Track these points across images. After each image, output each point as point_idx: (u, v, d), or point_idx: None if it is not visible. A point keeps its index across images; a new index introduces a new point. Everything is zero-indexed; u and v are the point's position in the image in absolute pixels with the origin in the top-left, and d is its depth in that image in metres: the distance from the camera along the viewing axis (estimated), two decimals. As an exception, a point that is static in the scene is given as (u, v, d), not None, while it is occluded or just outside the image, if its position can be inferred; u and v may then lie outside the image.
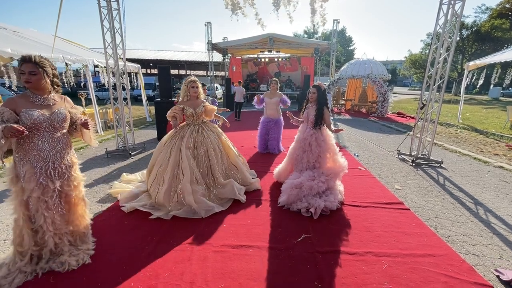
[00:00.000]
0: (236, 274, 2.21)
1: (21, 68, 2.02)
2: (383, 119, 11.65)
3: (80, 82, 8.71)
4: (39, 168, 2.07)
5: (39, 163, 2.07)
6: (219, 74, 24.19)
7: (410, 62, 35.89)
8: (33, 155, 2.05)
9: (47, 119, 2.09)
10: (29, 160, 2.05)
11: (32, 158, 2.05)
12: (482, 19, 29.73)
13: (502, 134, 8.20)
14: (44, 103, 2.12)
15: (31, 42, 6.78)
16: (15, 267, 2.11)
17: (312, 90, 3.62)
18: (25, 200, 2.06)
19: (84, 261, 2.30)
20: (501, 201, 3.69)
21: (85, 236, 2.48)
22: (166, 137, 3.56)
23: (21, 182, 2.03)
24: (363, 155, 5.89)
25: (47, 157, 2.10)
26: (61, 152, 2.19)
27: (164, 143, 3.50)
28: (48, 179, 2.11)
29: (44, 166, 2.09)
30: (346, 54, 38.85)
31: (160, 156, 3.43)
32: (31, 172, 2.04)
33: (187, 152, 3.35)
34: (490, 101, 23.09)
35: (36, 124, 2.03)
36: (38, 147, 2.07)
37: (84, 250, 2.38)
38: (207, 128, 3.65)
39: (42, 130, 2.08)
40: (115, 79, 5.60)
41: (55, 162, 2.14)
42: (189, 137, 3.44)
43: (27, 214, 2.09)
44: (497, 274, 2.27)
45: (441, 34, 4.85)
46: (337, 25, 15.30)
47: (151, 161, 3.53)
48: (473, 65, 10.13)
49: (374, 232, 2.82)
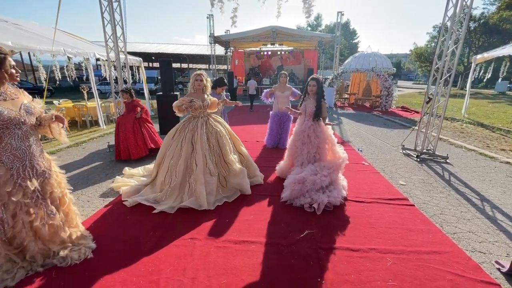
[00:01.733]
0: (238, 270, 2.19)
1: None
2: (387, 113, 11.51)
3: (82, 75, 8.68)
4: (15, 170, 1.91)
5: (15, 163, 1.91)
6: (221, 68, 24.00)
7: (415, 55, 35.27)
8: (7, 156, 1.88)
9: (17, 115, 1.90)
10: (3, 162, 1.87)
11: (5, 159, 1.88)
12: (490, 11, 29.05)
13: (509, 129, 8.05)
14: (6, 97, 1.91)
15: (32, 35, 6.72)
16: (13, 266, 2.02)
17: (311, 83, 3.58)
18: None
19: (86, 255, 2.28)
20: (508, 197, 3.63)
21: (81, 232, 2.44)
22: (173, 130, 3.53)
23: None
24: (367, 150, 5.82)
25: (23, 156, 1.94)
26: (36, 148, 2.04)
27: (172, 136, 3.49)
28: (27, 179, 1.95)
29: (22, 166, 1.94)
30: (350, 48, 38.27)
31: (171, 148, 3.43)
32: (7, 175, 1.88)
33: (202, 143, 3.36)
34: (496, 95, 22.70)
35: (5, 121, 1.84)
36: (12, 146, 1.90)
37: (85, 244, 2.36)
38: (214, 119, 3.66)
39: (12, 127, 1.90)
40: (117, 72, 5.54)
41: (33, 160, 1.99)
42: (201, 130, 3.43)
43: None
44: (498, 266, 2.25)
45: (449, 26, 4.71)
46: (341, 18, 15.02)
47: (159, 154, 3.52)
48: (481, 58, 9.90)
49: (378, 229, 2.78)
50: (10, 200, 1.90)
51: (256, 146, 5.97)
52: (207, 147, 3.39)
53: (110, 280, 2.07)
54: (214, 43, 15.75)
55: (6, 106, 1.88)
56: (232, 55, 17.42)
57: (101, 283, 2.04)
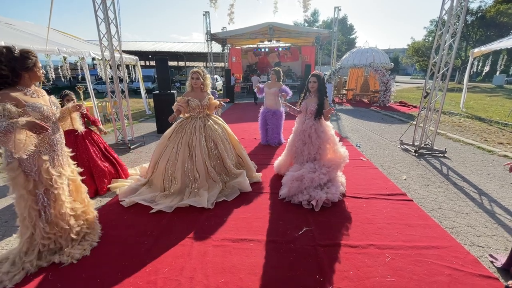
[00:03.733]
0: (236, 269, 2.18)
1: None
2: (385, 108, 11.50)
3: (78, 75, 8.60)
4: (51, 159, 2.12)
5: (50, 153, 2.12)
6: (218, 65, 23.88)
7: (413, 50, 35.20)
8: (45, 147, 2.08)
9: (52, 110, 2.12)
10: (41, 152, 2.06)
11: (44, 150, 2.08)
12: (487, 4, 28.95)
13: (506, 123, 8.06)
14: (38, 95, 2.10)
15: (26, 34, 6.64)
16: (20, 262, 2.11)
17: (312, 79, 3.48)
18: (37, 194, 2.05)
19: (86, 254, 2.32)
20: (506, 191, 3.63)
21: (94, 222, 2.57)
22: (170, 131, 3.48)
23: (32, 177, 2.02)
24: (365, 145, 5.81)
25: (55, 146, 2.16)
26: (62, 139, 2.27)
27: (168, 137, 3.44)
28: (60, 167, 2.19)
29: (55, 156, 2.16)
30: (347, 43, 38.11)
31: (166, 150, 3.39)
32: (46, 164, 2.06)
33: (201, 148, 3.33)
34: (494, 88, 22.72)
35: (44, 117, 2.04)
36: (49, 137, 2.10)
37: (91, 242, 2.43)
38: (213, 121, 3.58)
39: (48, 121, 2.08)
40: (112, 71, 5.49)
41: (62, 150, 2.23)
42: (199, 133, 3.38)
43: (37, 208, 2.08)
44: (491, 259, 2.27)
45: (446, 20, 4.68)
46: (338, 13, 14.89)
47: (155, 154, 3.48)
48: (478, 51, 9.87)
49: (377, 224, 2.78)
50: (52, 186, 2.09)
51: (254, 143, 5.95)
52: (206, 152, 3.36)
53: (107, 280, 2.05)
54: (211, 41, 15.59)
55: (43, 102, 2.08)
56: (229, 52, 17.29)
57: (98, 284, 2.02)
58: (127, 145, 5.64)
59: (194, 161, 3.31)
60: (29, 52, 2.02)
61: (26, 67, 1.98)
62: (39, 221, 2.09)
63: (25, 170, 2.00)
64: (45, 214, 2.11)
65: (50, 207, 2.12)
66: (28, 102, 1.95)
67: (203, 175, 3.29)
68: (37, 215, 2.08)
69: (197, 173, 3.28)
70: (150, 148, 5.66)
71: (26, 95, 1.99)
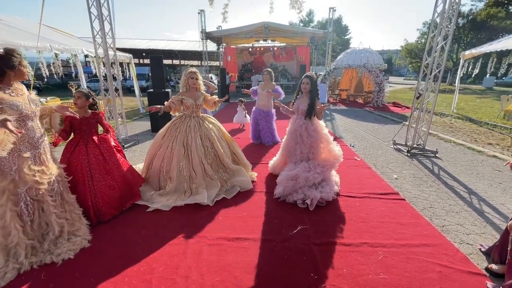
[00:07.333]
0: (231, 267, 2.19)
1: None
2: (378, 109, 11.64)
3: (70, 72, 8.46)
4: (32, 157, 2.09)
5: (31, 151, 2.09)
6: (213, 64, 23.74)
7: (406, 51, 35.67)
8: (24, 145, 2.06)
9: (30, 108, 2.09)
10: (21, 150, 2.03)
11: (24, 148, 2.05)
12: (478, 8, 29.51)
13: (495, 124, 8.25)
14: (17, 93, 2.08)
15: (16, 30, 6.50)
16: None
17: (305, 81, 3.52)
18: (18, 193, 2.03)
19: (83, 245, 2.35)
20: (495, 190, 3.73)
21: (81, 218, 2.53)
22: (164, 129, 3.48)
23: (11, 176, 1.99)
24: (359, 145, 5.88)
25: (37, 145, 2.13)
26: (44, 137, 2.24)
27: (162, 135, 3.43)
28: (42, 165, 2.16)
29: (37, 154, 2.13)
30: (342, 44, 38.39)
31: (161, 150, 3.38)
32: (28, 162, 2.04)
33: (197, 148, 3.32)
34: (484, 90, 23.19)
35: (22, 115, 2.02)
36: (28, 136, 2.07)
37: (82, 236, 2.41)
38: (207, 121, 3.61)
39: (27, 120, 2.08)
40: (106, 69, 5.42)
41: (45, 148, 2.20)
42: (194, 133, 3.37)
43: (14, 210, 2.03)
44: (479, 247, 2.48)
45: (439, 22, 4.76)
46: (333, 14, 14.99)
47: (149, 154, 3.47)
48: (469, 54, 10.08)
49: (370, 223, 2.82)
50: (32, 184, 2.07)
51: (248, 142, 5.95)
52: (202, 151, 3.36)
53: (101, 280, 2.04)
54: (206, 39, 15.50)
55: (21, 101, 2.05)
56: (224, 51, 17.24)
57: (92, 283, 2.01)
58: (121, 144, 5.58)
59: (190, 160, 3.30)
60: (14, 50, 2.05)
61: (12, 66, 2.00)
62: (14, 223, 2.02)
63: (3, 169, 1.98)
64: (28, 212, 2.09)
65: (33, 205, 2.12)
66: (5, 101, 1.95)
67: (200, 174, 3.28)
68: (14, 216, 2.03)
69: (193, 171, 3.28)
70: (144, 147, 5.62)
71: (5, 94, 1.99)
